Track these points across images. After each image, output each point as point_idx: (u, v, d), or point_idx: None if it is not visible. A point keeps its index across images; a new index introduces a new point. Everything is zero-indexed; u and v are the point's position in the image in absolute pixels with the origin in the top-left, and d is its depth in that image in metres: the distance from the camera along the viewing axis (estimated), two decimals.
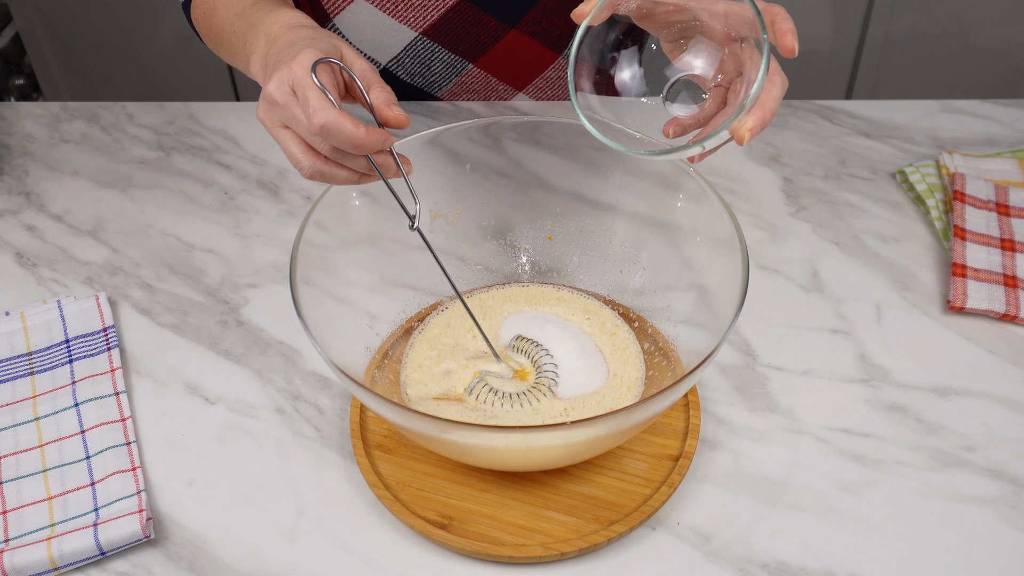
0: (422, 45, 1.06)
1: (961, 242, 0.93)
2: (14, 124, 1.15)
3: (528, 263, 0.88)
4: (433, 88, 1.12)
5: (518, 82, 1.12)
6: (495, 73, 1.10)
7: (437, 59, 1.08)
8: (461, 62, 1.08)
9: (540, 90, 1.14)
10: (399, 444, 0.77)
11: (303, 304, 0.70)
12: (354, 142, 0.65)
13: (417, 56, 1.07)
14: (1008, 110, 1.14)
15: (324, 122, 0.64)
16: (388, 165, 0.69)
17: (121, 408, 0.81)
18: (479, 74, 1.10)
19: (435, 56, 1.07)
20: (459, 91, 1.13)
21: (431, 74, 1.10)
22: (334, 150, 0.67)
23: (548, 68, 1.11)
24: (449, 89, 1.12)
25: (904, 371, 0.84)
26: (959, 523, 0.73)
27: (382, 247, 0.84)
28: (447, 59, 1.08)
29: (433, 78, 1.11)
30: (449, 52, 1.07)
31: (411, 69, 1.09)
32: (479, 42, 1.07)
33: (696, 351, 0.75)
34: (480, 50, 1.07)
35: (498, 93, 1.14)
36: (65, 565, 0.70)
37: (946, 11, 1.94)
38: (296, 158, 0.68)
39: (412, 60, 1.08)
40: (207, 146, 1.11)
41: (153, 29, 2.02)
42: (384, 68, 1.09)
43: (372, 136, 0.65)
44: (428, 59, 1.08)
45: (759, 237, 0.98)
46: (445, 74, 1.10)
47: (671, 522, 0.73)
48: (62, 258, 0.97)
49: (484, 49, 1.07)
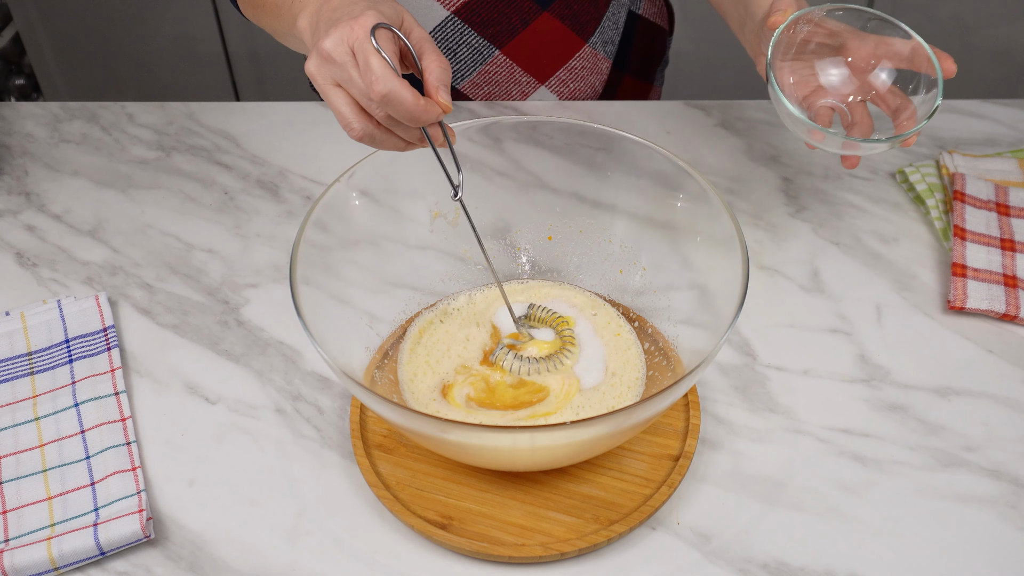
0: (452, 27, 1.05)
1: (961, 242, 0.93)
2: (14, 124, 1.15)
3: (528, 263, 0.88)
4: (457, 77, 1.11)
5: (542, 72, 1.11)
6: (520, 62, 1.10)
7: (465, 43, 1.07)
8: (488, 47, 1.07)
9: (563, 83, 1.13)
10: (399, 444, 0.77)
11: (303, 304, 0.70)
12: (413, 115, 0.65)
13: (445, 39, 1.07)
14: (1008, 110, 1.14)
15: (386, 91, 0.64)
16: (436, 135, 0.70)
17: (121, 408, 0.81)
18: (504, 63, 1.09)
19: (463, 40, 1.07)
20: (481, 82, 1.12)
21: (456, 61, 1.09)
22: (388, 117, 0.67)
23: (573, 58, 1.11)
24: (471, 80, 1.11)
25: (904, 371, 0.84)
26: (959, 523, 0.73)
27: (382, 247, 0.84)
28: (475, 43, 1.07)
29: (458, 65, 1.10)
30: (478, 35, 1.06)
31: None
32: (509, 25, 1.06)
33: (696, 351, 0.75)
34: (509, 34, 1.07)
35: (520, 86, 1.13)
36: (65, 565, 0.70)
37: (946, 11, 1.94)
38: (347, 119, 0.68)
39: (440, 43, 1.07)
40: (207, 146, 1.11)
41: (153, 29, 2.02)
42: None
43: (431, 110, 0.66)
44: (456, 43, 1.07)
45: (759, 237, 0.98)
46: (470, 61, 1.09)
47: (671, 522, 0.73)
48: (62, 258, 0.97)
49: (513, 33, 1.07)
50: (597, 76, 1.14)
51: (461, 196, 0.73)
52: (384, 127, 0.68)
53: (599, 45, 1.12)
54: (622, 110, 1.15)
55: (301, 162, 1.08)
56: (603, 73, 1.15)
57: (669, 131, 1.12)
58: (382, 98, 0.64)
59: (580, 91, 1.15)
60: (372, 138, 0.69)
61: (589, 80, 1.14)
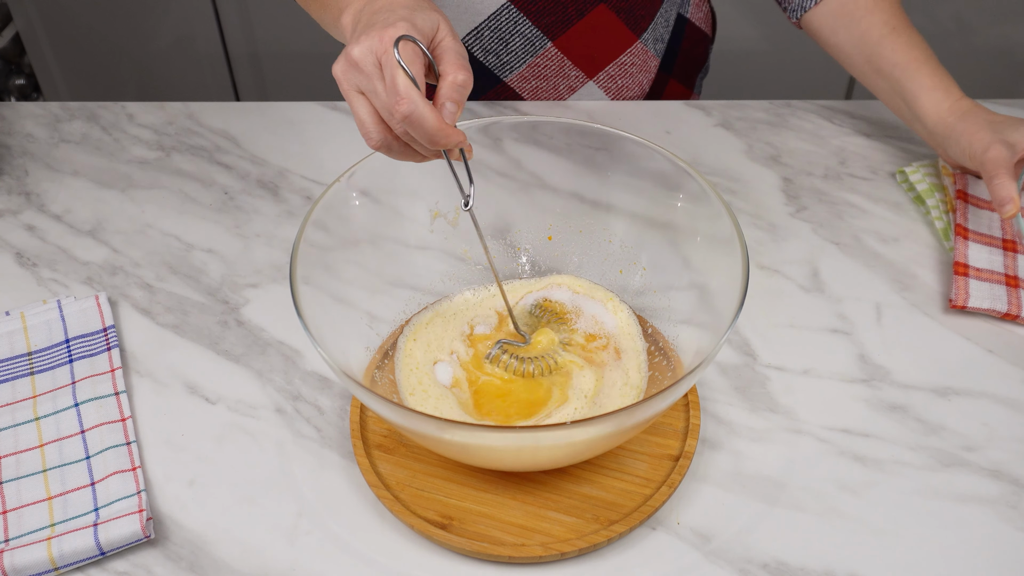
0: (507, 15, 1.05)
1: (964, 241, 0.93)
2: (14, 124, 1.15)
3: (528, 263, 0.88)
4: (505, 70, 1.11)
5: (592, 66, 1.11)
6: (571, 55, 1.09)
7: (518, 33, 1.07)
8: (541, 38, 1.07)
9: (612, 78, 1.13)
10: (399, 444, 0.77)
11: (303, 304, 0.70)
12: (432, 138, 0.65)
13: (499, 29, 1.06)
14: (1008, 110, 1.14)
15: (409, 112, 0.63)
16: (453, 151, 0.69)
17: (121, 408, 0.81)
18: (555, 55, 1.09)
19: (516, 30, 1.06)
20: (530, 75, 1.12)
21: (507, 52, 1.09)
22: (407, 132, 0.67)
23: (624, 53, 1.11)
24: (520, 72, 1.10)
25: (904, 371, 0.84)
26: (959, 523, 0.73)
27: (382, 247, 0.84)
28: (528, 34, 1.07)
29: (508, 57, 1.09)
30: (532, 25, 1.05)
31: (488, 45, 1.08)
32: (565, 15, 1.06)
33: (696, 351, 0.75)
34: (563, 25, 1.06)
35: (568, 80, 1.12)
36: (65, 565, 0.70)
37: (946, 11, 1.94)
38: (367, 128, 0.68)
39: (492, 34, 1.07)
40: (207, 146, 1.11)
41: (153, 29, 2.03)
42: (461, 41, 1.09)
43: (453, 137, 0.65)
44: (509, 33, 1.07)
45: (759, 237, 0.98)
46: (522, 52, 1.08)
47: (671, 522, 0.73)
48: (62, 258, 0.97)
49: (568, 24, 1.06)
50: (646, 74, 1.14)
51: (472, 207, 0.72)
52: (402, 140, 0.68)
53: (651, 42, 1.12)
54: (622, 110, 1.15)
55: (301, 162, 1.08)
56: (651, 71, 1.15)
57: (669, 131, 1.12)
58: (404, 118, 0.64)
59: (628, 88, 1.15)
60: (389, 149, 0.69)
61: (637, 77, 1.14)
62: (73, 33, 2.05)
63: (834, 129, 1.12)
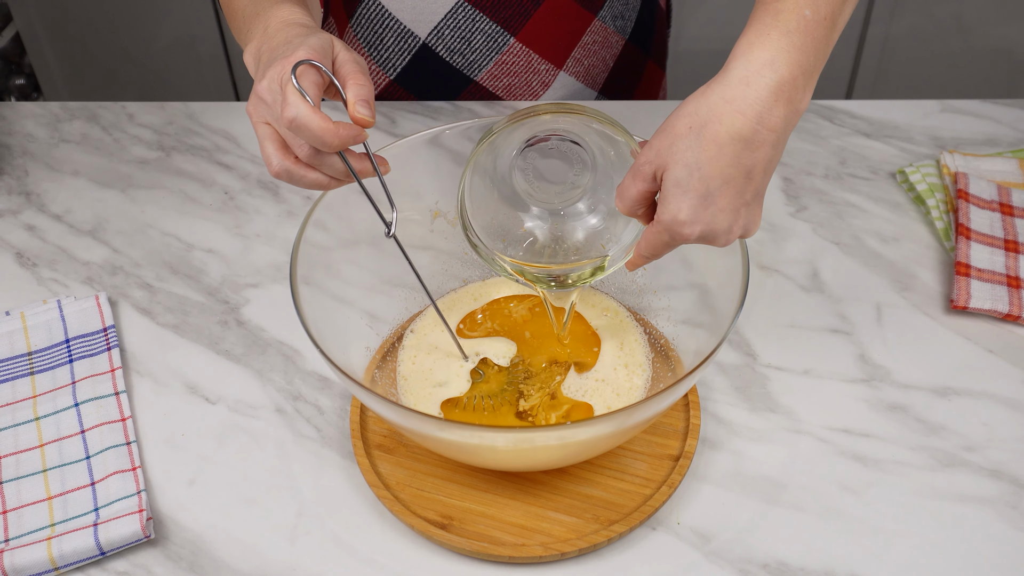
0: (463, 13, 1.05)
1: (966, 241, 0.93)
2: (14, 124, 1.15)
3: None
4: (474, 69, 1.11)
5: (559, 56, 1.11)
6: (536, 48, 1.09)
7: (478, 30, 1.07)
8: (502, 34, 1.07)
9: (578, 61, 1.13)
10: (399, 444, 0.77)
11: (303, 304, 0.70)
12: (322, 138, 0.64)
13: (458, 27, 1.07)
14: (1008, 110, 1.14)
15: (293, 116, 0.64)
16: (364, 169, 0.69)
17: (121, 408, 0.81)
18: (520, 51, 1.09)
19: (476, 27, 1.07)
20: (500, 73, 1.12)
21: (471, 50, 1.09)
22: (312, 153, 0.67)
23: (585, 33, 1.11)
24: (489, 70, 1.11)
25: (904, 371, 0.84)
26: (959, 523, 0.73)
27: (382, 247, 0.84)
28: (488, 30, 1.07)
29: (473, 55, 1.10)
30: (490, 21, 1.06)
31: (451, 44, 1.08)
32: (521, 7, 1.06)
33: (696, 351, 0.75)
34: (522, 18, 1.06)
35: (540, 76, 1.12)
36: (65, 565, 0.70)
37: (946, 11, 1.94)
38: (267, 154, 0.68)
39: (452, 32, 1.07)
40: (207, 146, 1.11)
41: (153, 29, 2.03)
42: (424, 43, 1.08)
43: (341, 132, 0.65)
44: (469, 31, 1.07)
45: (759, 237, 0.98)
46: (485, 50, 1.09)
47: (671, 522, 0.73)
48: (62, 258, 0.97)
49: (526, 16, 1.06)
50: (608, 50, 1.15)
51: (394, 233, 0.71)
52: (304, 163, 0.68)
53: (608, 19, 1.12)
54: (622, 110, 1.14)
55: None
56: (614, 47, 1.15)
57: None
58: (289, 123, 0.64)
59: (595, 67, 1.15)
60: (289, 174, 0.68)
61: (601, 55, 1.14)
62: (73, 33, 2.05)
63: (834, 129, 1.12)
